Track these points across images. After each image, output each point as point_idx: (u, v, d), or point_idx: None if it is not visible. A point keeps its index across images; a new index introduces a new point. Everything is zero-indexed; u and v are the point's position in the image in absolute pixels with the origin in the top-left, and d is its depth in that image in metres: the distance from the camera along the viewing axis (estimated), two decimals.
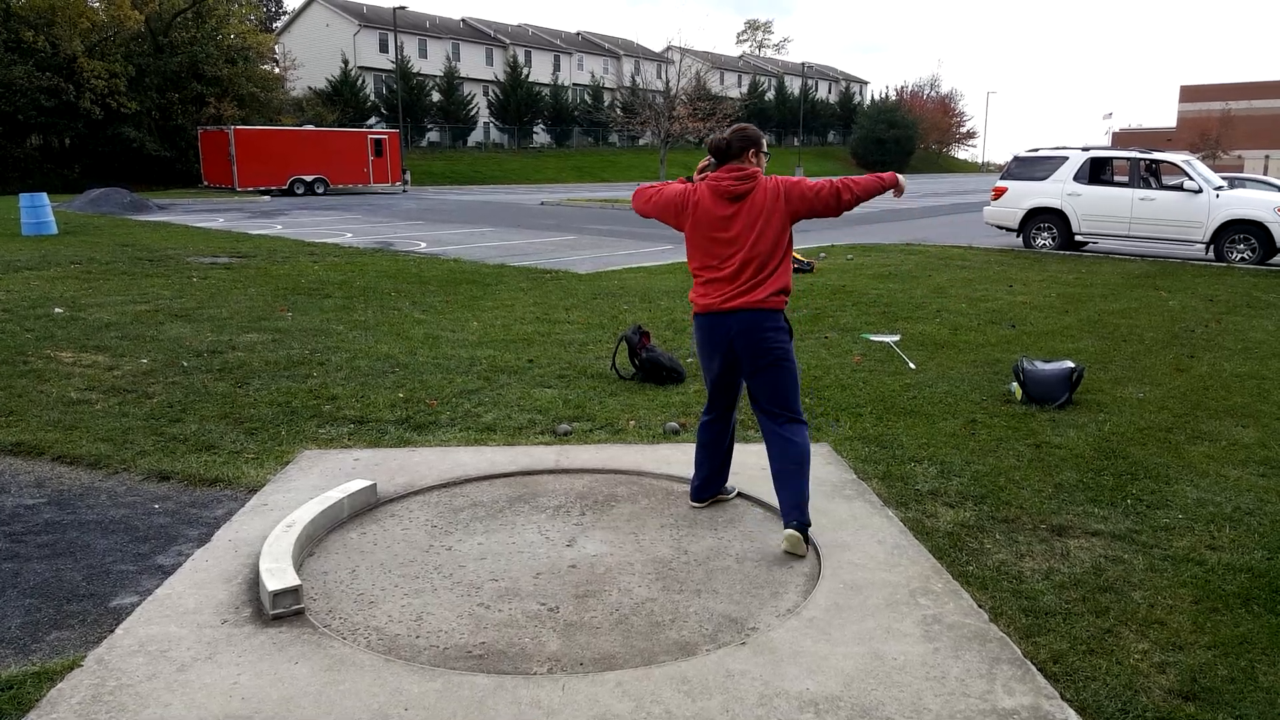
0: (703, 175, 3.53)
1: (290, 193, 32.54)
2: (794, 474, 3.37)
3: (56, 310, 8.34)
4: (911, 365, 6.45)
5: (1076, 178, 14.33)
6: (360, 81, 48.70)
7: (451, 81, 52.51)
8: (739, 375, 3.57)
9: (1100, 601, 3.05)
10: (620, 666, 2.64)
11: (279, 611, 2.85)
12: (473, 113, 53.70)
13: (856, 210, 26.86)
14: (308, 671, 2.57)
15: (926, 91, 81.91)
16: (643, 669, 2.61)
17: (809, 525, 3.38)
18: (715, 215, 3.39)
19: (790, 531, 3.33)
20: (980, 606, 2.98)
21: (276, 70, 44.88)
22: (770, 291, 3.38)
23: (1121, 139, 63.43)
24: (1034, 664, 2.65)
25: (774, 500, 3.82)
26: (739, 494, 3.96)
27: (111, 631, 2.79)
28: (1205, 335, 7.75)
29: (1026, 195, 14.89)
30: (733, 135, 3.43)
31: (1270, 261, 13.07)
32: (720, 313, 3.39)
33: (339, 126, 40.17)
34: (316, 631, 2.79)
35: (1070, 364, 5.56)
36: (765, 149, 3.46)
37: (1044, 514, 3.80)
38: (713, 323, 3.43)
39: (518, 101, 55.39)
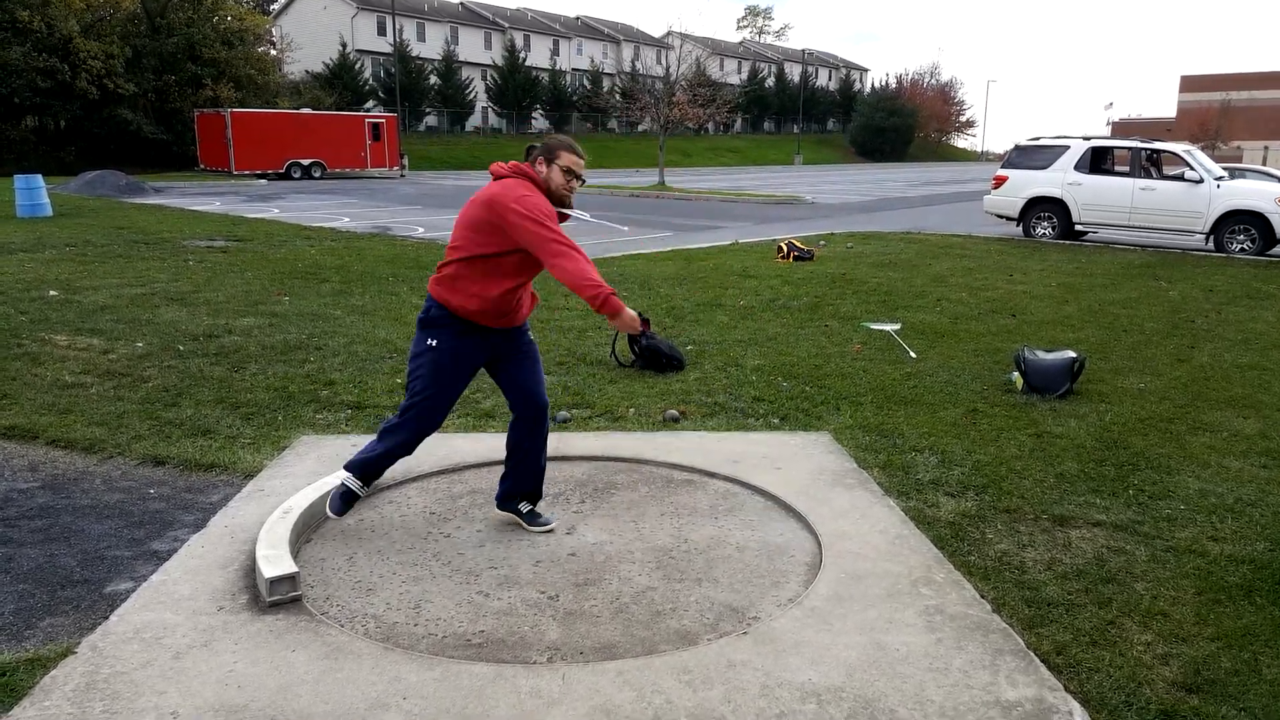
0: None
1: (287, 176, 32.36)
2: None
3: (51, 293, 8.27)
4: (912, 354, 6.42)
5: (1077, 167, 14.26)
6: (358, 65, 48.39)
7: (450, 65, 52.17)
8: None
9: (1103, 593, 3.04)
10: (621, 656, 2.61)
11: (276, 599, 2.82)
12: (471, 97, 53.38)
13: (856, 199, 26.58)
14: (305, 659, 2.54)
15: (926, 80, 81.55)
16: (643, 658, 2.58)
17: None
18: None
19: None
20: (983, 597, 2.97)
21: (274, 53, 44.55)
22: None
23: (1121, 129, 63.26)
24: (1037, 655, 2.63)
25: (774, 489, 3.80)
26: (738, 482, 3.92)
27: (106, 618, 2.76)
28: (1206, 326, 7.73)
29: (1027, 184, 14.82)
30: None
31: (1270, 252, 13.03)
32: None
33: (336, 110, 39.91)
34: (314, 619, 2.76)
35: (1071, 354, 5.53)
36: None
37: (1046, 504, 3.78)
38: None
39: (516, 86, 55.04)
